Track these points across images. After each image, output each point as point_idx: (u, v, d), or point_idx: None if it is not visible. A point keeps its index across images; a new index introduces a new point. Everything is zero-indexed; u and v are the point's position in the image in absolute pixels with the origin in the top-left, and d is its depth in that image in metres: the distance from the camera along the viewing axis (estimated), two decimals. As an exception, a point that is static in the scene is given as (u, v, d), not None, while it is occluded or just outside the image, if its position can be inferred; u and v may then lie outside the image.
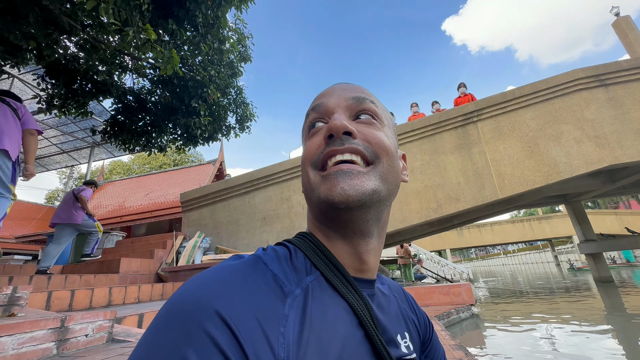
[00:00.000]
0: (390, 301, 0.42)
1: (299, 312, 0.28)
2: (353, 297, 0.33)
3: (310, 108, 0.40)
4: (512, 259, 52.13)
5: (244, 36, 4.67)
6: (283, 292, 0.28)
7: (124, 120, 5.00)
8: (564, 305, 6.44)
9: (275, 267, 0.31)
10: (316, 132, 0.38)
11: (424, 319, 0.48)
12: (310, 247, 0.36)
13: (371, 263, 0.38)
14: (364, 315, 0.32)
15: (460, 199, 5.61)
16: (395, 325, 0.39)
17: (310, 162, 0.36)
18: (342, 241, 0.36)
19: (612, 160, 5.28)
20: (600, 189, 8.20)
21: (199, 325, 0.23)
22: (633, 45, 6.34)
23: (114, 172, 25.35)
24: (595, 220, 19.04)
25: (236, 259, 0.31)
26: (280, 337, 0.25)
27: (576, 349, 3.29)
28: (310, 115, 0.40)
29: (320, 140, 0.37)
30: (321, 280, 0.33)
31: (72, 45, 4.21)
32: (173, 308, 0.25)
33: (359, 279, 0.37)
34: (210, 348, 0.22)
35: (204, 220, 6.83)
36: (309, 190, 0.37)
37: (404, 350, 0.37)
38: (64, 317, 1.45)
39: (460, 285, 5.44)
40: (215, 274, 0.28)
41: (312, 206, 0.37)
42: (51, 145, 9.05)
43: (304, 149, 0.39)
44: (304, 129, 0.42)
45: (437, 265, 13.04)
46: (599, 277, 9.80)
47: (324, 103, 0.39)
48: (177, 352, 0.22)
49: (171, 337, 0.23)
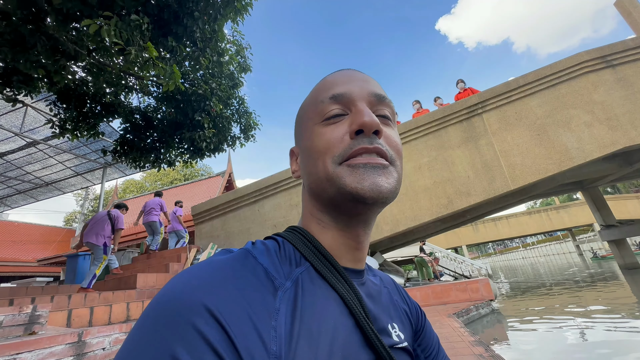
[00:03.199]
0: (381, 291, 0.42)
1: (289, 304, 0.28)
2: (343, 287, 0.33)
3: (329, 95, 0.37)
4: (532, 251, 50.69)
5: (242, 47, 4.76)
6: (273, 286, 0.28)
7: (132, 138, 5.14)
8: (590, 296, 6.20)
9: (265, 261, 0.30)
10: (336, 122, 0.36)
11: (416, 308, 0.47)
12: (299, 238, 0.36)
13: (365, 253, 0.39)
14: (354, 305, 0.32)
15: (471, 192, 5.51)
16: (387, 314, 0.39)
17: (333, 155, 0.34)
18: (343, 232, 0.36)
19: (626, 142, 5.11)
20: (617, 173, 7.93)
21: (188, 321, 0.22)
22: (638, 23, 6.17)
23: (128, 191, 25.94)
24: (616, 206, 18.37)
25: (225, 253, 0.31)
26: (272, 331, 0.25)
27: (608, 343, 3.12)
28: (327, 102, 0.36)
29: (343, 132, 0.35)
30: (311, 272, 0.33)
31: (80, 70, 4.38)
32: (159, 305, 0.24)
33: (350, 269, 0.37)
34: (200, 344, 0.22)
35: (216, 231, 6.90)
36: (324, 181, 0.35)
37: (395, 339, 0.36)
38: (80, 331, 1.48)
39: (478, 281, 5.32)
40: (203, 269, 0.27)
41: (323, 197, 0.36)
42: (66, 168, 9.35)
43: (317, 135, 0.36)
44: (312, 114, 0.38)
45: (454, 263, 12.77)
46: (624, 264, 9.43)
47: (347, 93, 0.36)
48: (166, 350, 0.21)
49: (159, 334, 0.22)
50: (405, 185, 5.91)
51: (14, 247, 15.10)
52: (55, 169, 9.30)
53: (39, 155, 8.51)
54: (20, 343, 1.25)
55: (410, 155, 6.08)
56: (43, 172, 9.35)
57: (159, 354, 0.21)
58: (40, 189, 10.22)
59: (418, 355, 0.44)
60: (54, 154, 8.53)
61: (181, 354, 0.21)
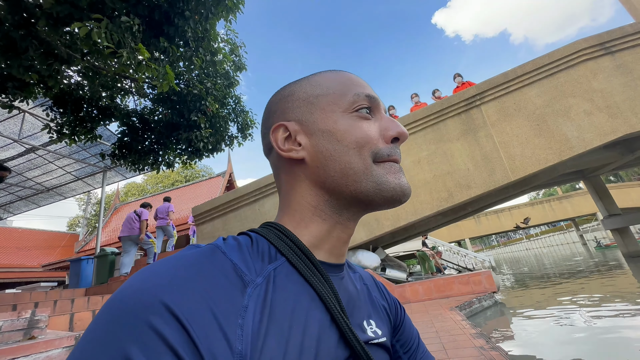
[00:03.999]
0: (360, 287, 0.41)
1: (259, 301, 0.27)
2: (319, 282, 0.32)
3: (364, 93, 0.37)
4: (536, 242, 50.62)
5: (237, 46, 4.74)
6: (243, 282, 0.27)
7: (130, 141, 5.13)
8: (594, 285, 6.18)
9: (235, 256, 0.29)
10: (368, 119, 0.37)
11: (395, 304, 0.47)
12: (274, 234, 0.35)
13: (347, 246, 0.39)
14: (330, 300, 0.31)
15: (471, 185, 5.48)
16: (364, 310, 0.38)
17: (371, 150, 0.35)
18: (342, 226, 0.37)
19: (627, 129, 5.06)
20: (619, 161, 7.87)
21: (144, 320, 0.21)
22: (637, 8, 6.09)
23: (129, 194, 26.01)
24: (619, 195, 18.24)
25: (192, 248, 0.30)
26: (238, 329, 0.24)
27: (613, 332, 3.11)
28: (363, 98, 0.37)
29: (378, 133, 0.37)
30: (286, 267, 0.32)
31: (75, 74, 4.37)
32: (115, 303, 0.23)
33: (331, 264, 0.36)
34: (157, 344, 0.20)
35: (217, 232, 6.91)
36: (358, 173, 0.34)
37: (370, 335, 0.36)
38: (77, 335, 1.48)
39: (480, 273, 5.31)
40: (165, 265, 0.26)
41: (342, 189, 0.35)
42: (66, 173, 9.37)
43: (352, 125, 0.36)
44: (338, 99, 0.37)
45: (457, 256, 12.77)
46: (627, 252, 9.39)
47: (378, 99, 0.39)
48: (119, 350, 0.20)
49: (112, 333, 0.21)
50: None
51: (19, 253, 15.21)
52: (55, 174, 9.32)
53: (39, 161, 8.53)
54: (16, 348, 1.25)
55: (409, 149, 6.05)
56: (44, 178, 9.38)
57: (112, 355, 0.20)
58: (42, 195, 10.26)
59: (397, 351, 0.44)
60: (53, 159, 8.55)
61: (136, 355, 0.20)
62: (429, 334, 2.78)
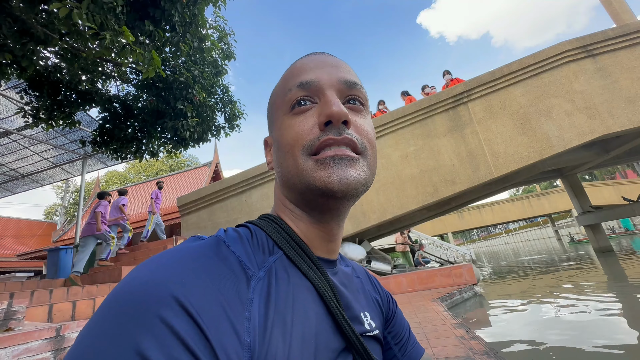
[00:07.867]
0: (354, 281, 0.42)
1: (263, 294, 0.27)
2: (315, 275, 0.33)
3: (296, 83, 0.35)
4: (514, 237, 52.58)
5: (226, 33, 4.60)
6: (246, 275, 0.27)
7: (112, 128, 4.94)
8: (566, 277, 6.51)
9: (238, 249, 0.29)
10: (304, 112, 0.34)
11: (387, 297, 0.49)
12: (272, 226, 0.35)
13: (338, 244, 0.39)
14: (327, 293, 0.32)
15: (456, 181, 5.62)
16: (359, 303, 0.39)
17: (302, 146, 0.33)
18: (317, 225, 0.36)
19: (604, 130, 5.29)
20: (595, 160, 8.23)
21: (155, 313, 0.21)
22: (618, 12, 6.30)
23: (110, 183, 25.20)
24: (592, 193, 19.16)
25: (195, 240, 0.30)
26: (246, 322, 0.24)
27: (579, 321, 3.32)
28: (295, 90, 0.35)
29: (312, 123, 0.34)
30: (284, 260, 0.32)
31: (52, 55, 4.14)
32: (123, 296, 0.22)
33: (323, 259, 0.37)
34: (169, 337, 0.20)
35: (203, 222, 6.82)
36: (294, 175, 0.34)
37: (366, 327, 0.37)
38: (59, 326, 1.45)
39: (462, 266, 5.49)
40: (171, 257, 0.26)
41: (294, 191, 0.35)
42: (43, 160, 8.96)
43: (287, 127, 0.35)
44: (281, 103, 0.37)
45: (440, 249, 13.13)
46: (598, 247, 9.91)
47: (315, 81, 0.35)
48: (131, 344, 0.19)
49: (122, 326, 0.20)
50: (392, 174, 5.96)
51: (-8, 242, 14.55)
52: (31, 160, 8.90)
53: (13, 146, 8.11)
54: (-7, 340, 1.21)
55: (397, 144, 6.11)
56: (19, 164, 8.94)
57: (123, 349, 0.19)
58: (17, 182, 9.79)
59: (389, 342, 0.45)
60: (29, 144, 8.15)
61: (149, 348, 0.19)
62: (412, 324, 2.87)
